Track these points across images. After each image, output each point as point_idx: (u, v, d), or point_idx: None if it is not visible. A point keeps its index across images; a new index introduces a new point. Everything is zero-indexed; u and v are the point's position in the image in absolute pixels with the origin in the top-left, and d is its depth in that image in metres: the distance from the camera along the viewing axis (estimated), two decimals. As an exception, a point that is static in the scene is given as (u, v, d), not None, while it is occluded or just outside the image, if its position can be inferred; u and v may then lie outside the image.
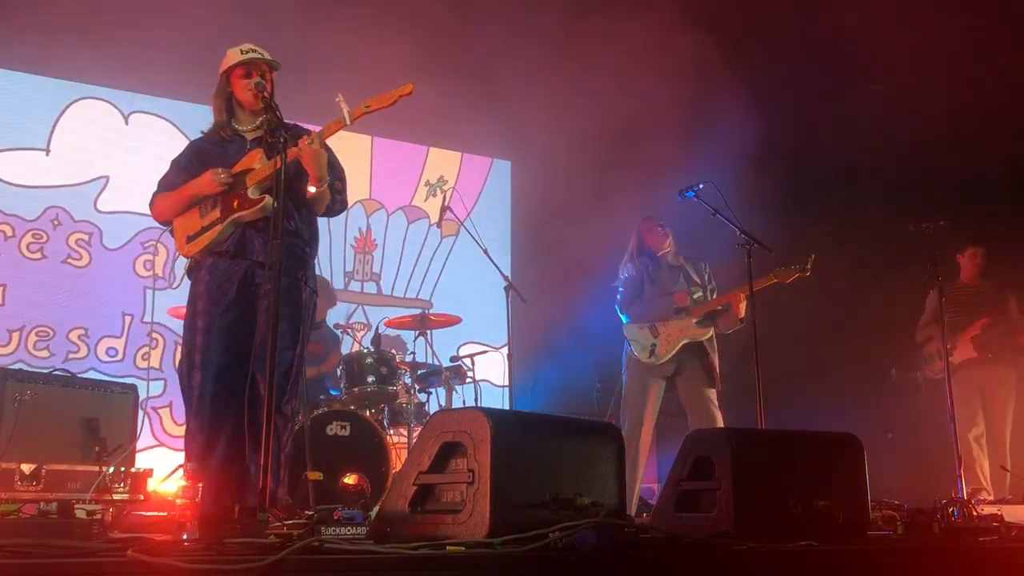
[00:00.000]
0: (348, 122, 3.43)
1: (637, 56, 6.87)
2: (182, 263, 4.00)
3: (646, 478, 6.28)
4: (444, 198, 5.83)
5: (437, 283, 8.12)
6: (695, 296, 5.24)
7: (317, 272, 3.93)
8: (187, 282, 3.81)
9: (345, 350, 6.36)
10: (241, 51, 3.71)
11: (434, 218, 8.02)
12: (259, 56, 3.70)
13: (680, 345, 5.17)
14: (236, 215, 3.57)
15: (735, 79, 6.95)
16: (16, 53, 6.70)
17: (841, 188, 7.72)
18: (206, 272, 3.64)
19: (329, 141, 3.60)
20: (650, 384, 5.19)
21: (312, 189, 3.61)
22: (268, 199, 3.48)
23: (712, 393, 5.19)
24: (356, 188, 7.79)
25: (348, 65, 6.22)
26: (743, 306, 5.02)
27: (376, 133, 7.99)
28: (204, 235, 3.64)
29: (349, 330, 6.44)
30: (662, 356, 5.14)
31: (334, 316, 6.83)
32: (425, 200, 8.27)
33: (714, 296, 5.34)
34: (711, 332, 5.23)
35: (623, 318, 5.36)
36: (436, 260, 7.81)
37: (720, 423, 5.06)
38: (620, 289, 5.43)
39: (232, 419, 3.46)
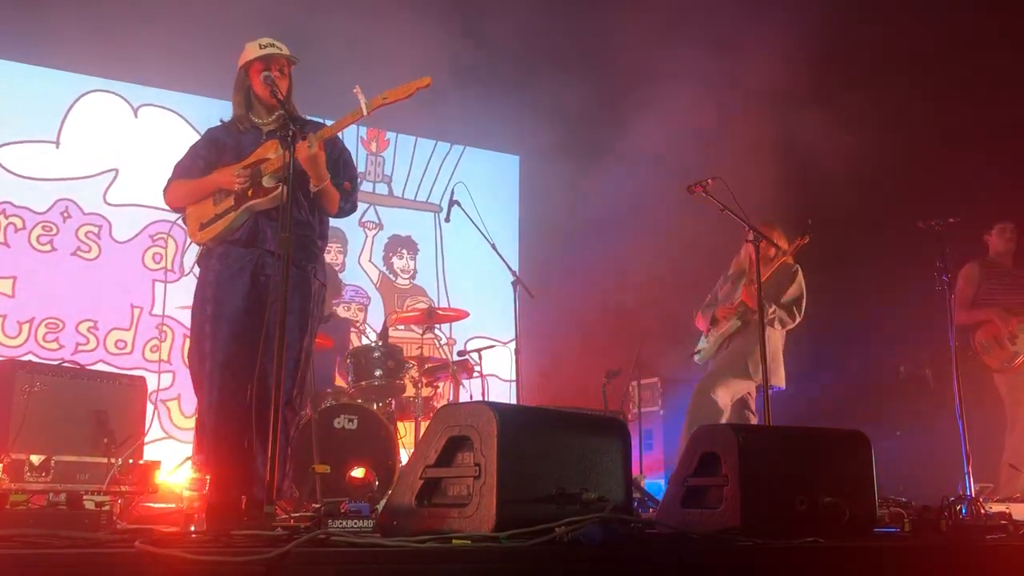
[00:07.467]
0: (365, 113, 3.45)
1: (648, 52, 6.86)
2: (192, 253, 4.00)
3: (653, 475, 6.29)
4: (452, 192, 5.82)
5: (446, 190, 8.16)
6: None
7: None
8: (195, 275, 3.81)
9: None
10: (260, 45, 3.69)
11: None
12: (277, 51, 3.69)
13: (717, 344, 5.27)
14: (250, 203, 3.58)
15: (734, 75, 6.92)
16: (27, 46, 6.72)
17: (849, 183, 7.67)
18: (217, 260, 3.64)
19: None
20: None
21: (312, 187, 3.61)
22: (282, 187, 3.48)
23: (724, 382, 5.21)
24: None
25: (356, 59, 6.22)
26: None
27: (384, 127, 7.99)
28: (217, 223, 3.64)
29: (355, 327, 6.45)
30: (704, 357, 5.29)
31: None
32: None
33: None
34: (737, 324, 5.28)
35: None
36: (447, 165, 7.73)
37: (724, 413, 5.07)
38: None
39: (241, 409, 3.44)
